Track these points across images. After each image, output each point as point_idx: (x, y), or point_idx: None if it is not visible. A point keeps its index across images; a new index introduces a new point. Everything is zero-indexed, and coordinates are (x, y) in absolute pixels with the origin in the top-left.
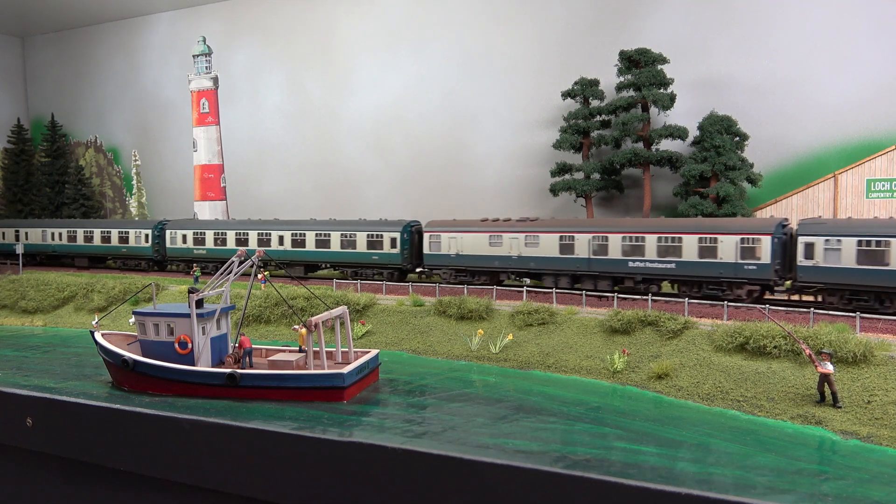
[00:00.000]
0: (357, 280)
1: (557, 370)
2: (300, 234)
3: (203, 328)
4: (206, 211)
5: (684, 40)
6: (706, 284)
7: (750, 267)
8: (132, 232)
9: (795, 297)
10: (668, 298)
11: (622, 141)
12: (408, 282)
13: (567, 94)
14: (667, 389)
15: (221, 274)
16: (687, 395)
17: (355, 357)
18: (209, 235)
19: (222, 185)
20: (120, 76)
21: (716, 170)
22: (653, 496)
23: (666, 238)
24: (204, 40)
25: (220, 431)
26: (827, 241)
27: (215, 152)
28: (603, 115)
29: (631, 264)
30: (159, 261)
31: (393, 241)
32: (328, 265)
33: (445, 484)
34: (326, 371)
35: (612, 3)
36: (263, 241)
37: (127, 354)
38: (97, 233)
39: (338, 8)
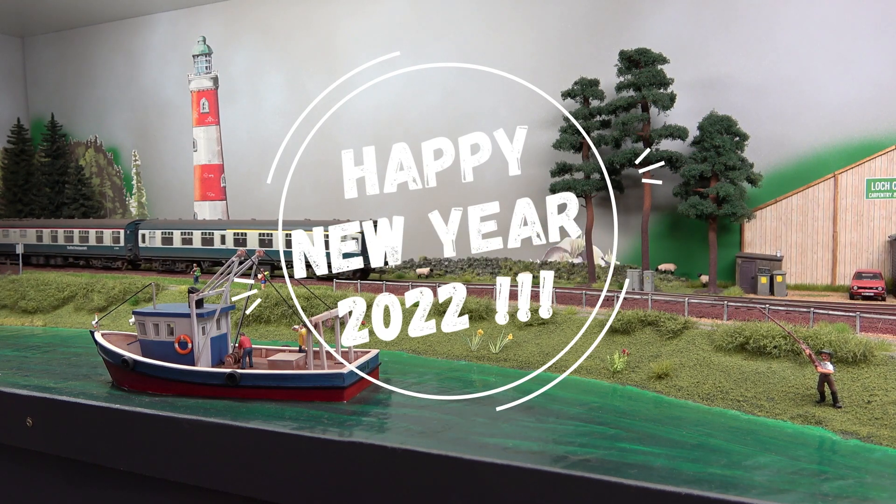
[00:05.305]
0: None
1: (557, 370)
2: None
3: (203, 328)
4: (206, 211)
5: (684, 40)
6: None
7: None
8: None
9: None
10: (668, 298)
11: (622, 141)
12: (408, 280)
13: (567, 94)
14: (667, 389)
15: (221, 274)
16: (687, 395)
17: (355, 357)
18: None
19: (222, 185)
20: (120, 76)
21: (716, 170)
22: (653, 496)
23: None
24: (204, 40)
25: (220, 431)
26: None
27: (215, 152)
28: (603, 115)
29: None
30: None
31: None
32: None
33: (445, 484)
34: (326, 371)
35: (612, 3)
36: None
37: (127, 354)
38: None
39: (338, 8)
